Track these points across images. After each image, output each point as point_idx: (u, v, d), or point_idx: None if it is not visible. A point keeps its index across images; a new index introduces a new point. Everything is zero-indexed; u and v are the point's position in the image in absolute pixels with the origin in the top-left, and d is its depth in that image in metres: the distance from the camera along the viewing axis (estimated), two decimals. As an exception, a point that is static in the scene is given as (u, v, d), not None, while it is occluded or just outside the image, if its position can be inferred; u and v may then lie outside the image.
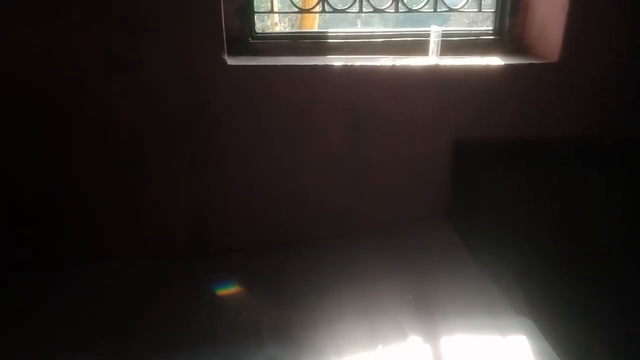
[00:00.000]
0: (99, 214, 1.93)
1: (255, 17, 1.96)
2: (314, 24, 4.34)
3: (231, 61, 1.81)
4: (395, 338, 1.53)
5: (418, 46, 2.01)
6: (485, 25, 2.12)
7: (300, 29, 4.54)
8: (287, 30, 6.18)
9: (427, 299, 1.67)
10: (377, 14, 2.04)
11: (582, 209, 1.89)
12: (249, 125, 1.88)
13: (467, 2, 2.01)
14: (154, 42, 1.74)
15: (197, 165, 1.91)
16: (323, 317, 1.62)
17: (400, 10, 1.98)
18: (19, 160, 1.83)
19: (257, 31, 1.99)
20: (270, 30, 4.58)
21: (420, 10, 2.01)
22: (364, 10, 1.99)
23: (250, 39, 1.95)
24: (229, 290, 1.77)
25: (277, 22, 5.13)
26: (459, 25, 5.84)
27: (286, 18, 6.18)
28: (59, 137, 1.82)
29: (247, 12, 1.91)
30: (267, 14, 4.22)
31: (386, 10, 1.99)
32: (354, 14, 2.01)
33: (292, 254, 1.95)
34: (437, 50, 1.92)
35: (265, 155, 1.93)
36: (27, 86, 1.74)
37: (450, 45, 2.01)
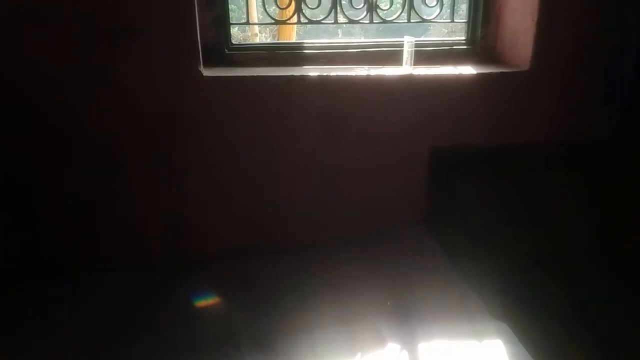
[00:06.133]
0: (80, 225, 1.91)
1: (236, 28, 1.98)
2: (291, 35, 4.37)
3: (207, 72, 1.81)
4: (374, 345, 1.54)
5: (393, 56, 2.04)
6: (461, 35, 2.17)
7: (278, 40, 4.57)
8: (268, 40, 6.21)
9: (405, 306, 1.69)
10: (358, 25, 2.06)
11: (555, 214, 1.93)
12: (227, 135, 1.88)
13: (439, 13, 2.05)
14: (131, 53, 1.74)
15: (177, 174, 1.90)
16: (302, 325, 1.62)
17: (374, 22, 2.01)
18: (5, 171, 1.82)
19: (234, 42, 2.00)
20: (250, 41, 4.60)
21: (395, 21, 2.04)
22: (339, 21, 2.02)
23: (226, 50, 1.96)
24: (208, 301, 1.76)
25: (257, 33, 5.15)
26: (438, 35, 5.94)
27: (267, 29, 6.20)
28: (41, 146, 1.80)
29: (222, 23, 1.93)
30: (247, 25, 4.26)
31: (361, 21, 2.02)
32: (334, 25, 2.04)
33: (270, 262, 1.95)
34: (411, 60, 1.95)
35: (243, 164, 1.93)
36: (9, 94, 1.73)
37: (424, 55, 2.05)
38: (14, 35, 1.68)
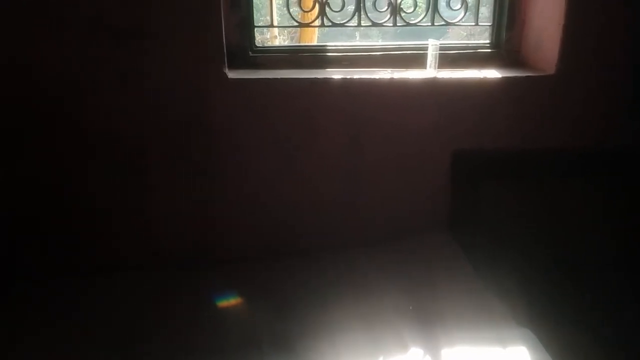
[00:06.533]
0: (101, 225, 1.93)
1: (255, 30, 1.99)
2: (313, 38, 4.36)
3: (232, 74, 1.83)
4: (397, 350, 1.53)
5: (416, 59, 2.03)
6: (482, 38, 2.15)
7: (299, 42, 4.56)
8: (286, 43, 6.23)
9: (427, 310, 1.68)
10: (374, 27, 2.06)
11: (579, 219, 1.90)
12: (250, 137, 1.89)
13: (464, 16, 2.03)
14: (156, 56, 1.76)
15: (199, 176, 1.92)
16: (324, 328, 1.62)
17: (398, 24, 2.01)
18: (27, 171, 1.84)
19: (257, 45, 2.01)
20: (269, 43, 4.62)
21: (418, 24, 2.03)
22: (362, 24, 2.01)
23: (250, 53, 1.98)
24: (230, 301, 1.77)
25: (276, 35, 5.17)
26: (456, 38, 5.90)
27: (285, 31, 6.22)
28: (65, 147, 1.82)
29: (247, 26, 1.94)
30: (267, 28, 4.25)
31: (384, 24, 2.01)
32: (351, 27, 2.04)
33: (292, 265, 1.95)
34: (435, 63, 1.94)
35: (266, 166, 1.94)
36: (36, 95, 1.76)
37: (448, 58, 2.04)
38: (39, 36, 1.70)
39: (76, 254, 1.93)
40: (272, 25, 2.14)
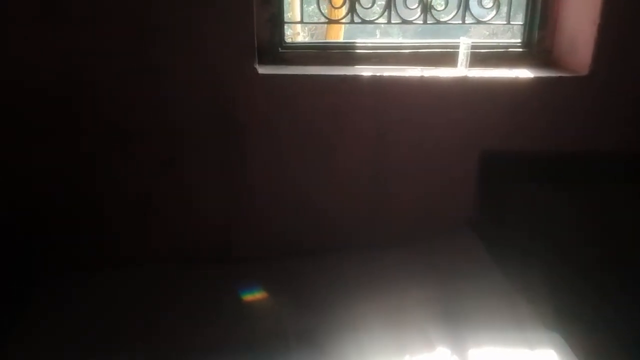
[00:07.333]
0: (124, 221, 1.94)
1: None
2: (339, 35, 4.34)
3: (262, 70, 1.83)
4: (423, 349, 1.53)
5: (446, 57, 2.01)
6: (506, 37, 2.13)
7: (325, 39, 4.54)
8: (307, 40, 6.22)
9: (454, 311, 1.67)
10: (395, 25, 2.03)
11: (612, 222, 1.86)
12: (277, 134, 1.90)
13: (495, 14, 2.01)
14: (185, 50, 1.77)
15: (225, 172, 1.93)
16: (349, 326, 1.62)
17: (428, 22, 1.99)
18: (39, 166, 1.83)
19: (286, 41, 2.01)
20: (292, 40, 4.61)
21: (449, 22, 2.01)
22: (392, 21, 2.00)
23: (279, 49, 1.98)
24: (255, 295, 1.78)
25: (299, 32, 5.15)
26: (479, 37, 5.82)
27: (306, 28, 6.21)
28: (84, 143, 1.83)
29: (277, 22, 1.94)
30: (292, 24, 4.26)
31: (414, 21, 2.00)
32: (373, 25, 2.02)
33: (317, 263, 1.95)
34: (467, 61, 1.92)
35: (292, 163, 1.94)
36: (50, 89, 1.75)
37: (478, 57, 2.01)
38: (41, 33, 1.69)
39: (80, 253, 1.92)
40: (302, 22, 2.14)
